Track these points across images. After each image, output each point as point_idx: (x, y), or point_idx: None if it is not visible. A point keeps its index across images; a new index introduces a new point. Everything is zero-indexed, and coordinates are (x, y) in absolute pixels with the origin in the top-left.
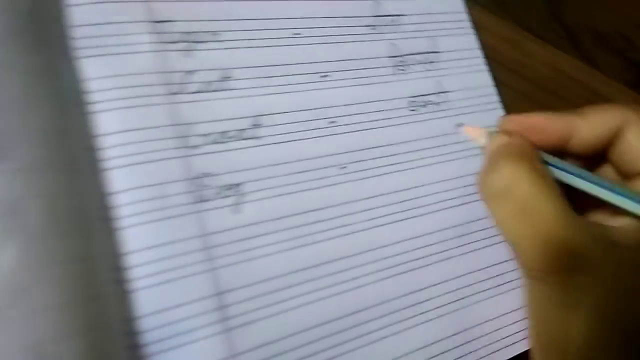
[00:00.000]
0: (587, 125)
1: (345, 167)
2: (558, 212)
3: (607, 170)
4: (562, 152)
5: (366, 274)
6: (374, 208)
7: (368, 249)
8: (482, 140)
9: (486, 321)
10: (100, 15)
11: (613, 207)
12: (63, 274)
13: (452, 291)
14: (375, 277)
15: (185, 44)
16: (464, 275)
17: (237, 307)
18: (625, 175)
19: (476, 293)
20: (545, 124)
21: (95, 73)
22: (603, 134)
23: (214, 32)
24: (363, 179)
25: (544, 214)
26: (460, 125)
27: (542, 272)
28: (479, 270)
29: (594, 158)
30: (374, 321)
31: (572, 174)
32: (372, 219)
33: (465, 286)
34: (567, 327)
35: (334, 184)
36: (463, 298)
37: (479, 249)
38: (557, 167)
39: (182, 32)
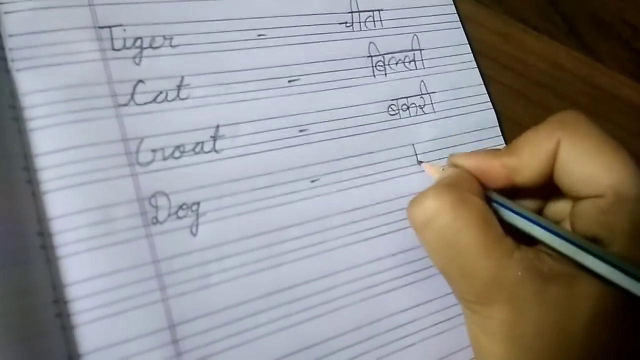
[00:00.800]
0: (522, 163)
1: (317, 180)
2: (483, 243)
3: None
4: (515, 189)
5: (341, 296)
6: (350, 224)
7: (343, 269)
8: (436, 175)
9: None
10: (38, 22)
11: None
12: None
13: (437, 311)
14: (351, 299)
15: (134, 50)
16: (447, 295)
17: (193, 340)
18: (574, 199)
19: (462, 314)
20: (483, 168)
21: (33, 86)
22: (541, 166)
23: (167, 37)
24: (337, 192)
25: (468, 246)
26: (420, 162)
27: (469, 301)
28: None
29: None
30: (351, 348)
31: (513, 212)
32: (347, 235)
33: (449, 306)
34: (500, 357)
35: (304, 199)
36: (447, 320)
37: None
38: (501, 207)
39: (131, 37)
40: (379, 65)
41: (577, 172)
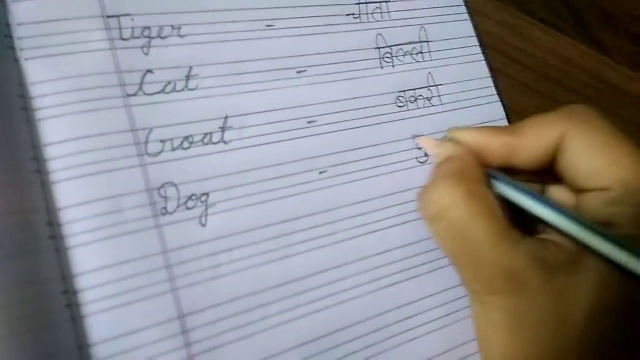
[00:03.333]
0: (524, 144)
1: (325, 172)
2: (493, 235)
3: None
4: (512, 168)
5: (350, 288)
6: (359, 216)
7: (352, 261)
8: (433, 150)
9: None
10: (46, 11)
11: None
12: (9, 300)
13: (444, 304)
14: (359, 291)
15: (143, 40)
16: (454, 287)
17: (203, 331)
18: (577, 190)
19: (469, 307)
20: (483, 145)
21: (42, 76)
22: (542, 152)
23: (175, 27)
24: (346, 183)
25: (478, 237)
26: (415, 136)
27: (479, 292)
28: None
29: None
30: (358, 340)
31: (515, 191)
32: (357, 227)
33: (458, 298)
34: (504, 348)
35: (313, 191)
36: (456, 312)
37: None
38: (501, 184)
39: (140, 27)
40: (386, 57)
41: (583, 165)
